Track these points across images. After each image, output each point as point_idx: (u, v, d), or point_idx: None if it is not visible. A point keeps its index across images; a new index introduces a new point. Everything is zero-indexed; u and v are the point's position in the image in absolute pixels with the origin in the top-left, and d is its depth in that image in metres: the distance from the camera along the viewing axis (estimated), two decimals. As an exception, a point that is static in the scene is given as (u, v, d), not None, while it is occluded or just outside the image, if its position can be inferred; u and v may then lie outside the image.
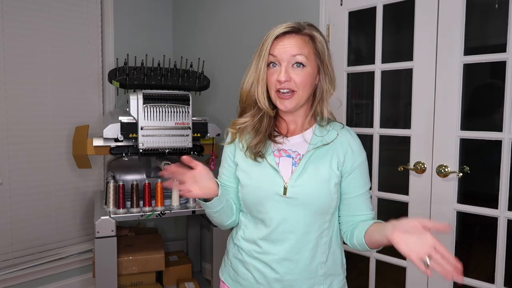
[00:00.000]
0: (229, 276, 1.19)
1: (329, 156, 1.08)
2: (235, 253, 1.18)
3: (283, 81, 1.03)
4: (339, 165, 1.09)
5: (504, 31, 1.58)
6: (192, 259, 2.75)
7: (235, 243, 1.18)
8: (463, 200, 1.72)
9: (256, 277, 1.11)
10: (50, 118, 2.52)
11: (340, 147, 1.09)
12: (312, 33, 1.06)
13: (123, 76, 2.16)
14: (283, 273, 1.08)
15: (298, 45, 1.04)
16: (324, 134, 1.10)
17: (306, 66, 1.04)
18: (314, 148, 1.08)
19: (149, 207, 2.10)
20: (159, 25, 3.06)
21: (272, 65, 1.06)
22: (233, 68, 2.66)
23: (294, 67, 1.04)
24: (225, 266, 1.22)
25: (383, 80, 1.93)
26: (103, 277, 1.98)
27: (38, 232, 2.50)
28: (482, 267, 1.96)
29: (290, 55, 1.03)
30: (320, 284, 1.09)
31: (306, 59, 1.04)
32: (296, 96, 1.05)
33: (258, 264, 1.10)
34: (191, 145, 2.17)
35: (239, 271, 1.15)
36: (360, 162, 1.11)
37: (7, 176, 2.36)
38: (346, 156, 1.09)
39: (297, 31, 1.05)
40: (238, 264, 1.16)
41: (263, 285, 1.10)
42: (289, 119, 1.14)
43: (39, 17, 2.44)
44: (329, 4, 2.09)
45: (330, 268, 1.11)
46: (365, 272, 2.01)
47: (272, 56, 1.05)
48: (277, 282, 1.08)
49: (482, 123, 1.78)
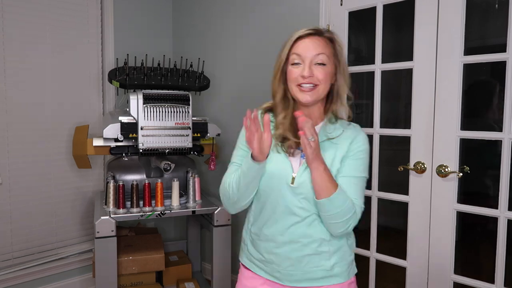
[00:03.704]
0: (248, 258, 1.28)
1: (333, 150, 1.16)
2: (249, 238, 1.27)
3: (307, 76, 1.12)
4: (342, 157, 1.16)
5: (504, 31, 1.58)
6: (192, 259, 2.75)
7: (249, 228, 1.27)
8: (463, 200, 1.72)
9: (267, 258, 1.20)
10: (50, 118, 2.52)
11: (345, 141, 1.18)
12: (332, 36, 1.18)
13: (123, 76, 2.16)
14: (289, 251, 1.16)
15: (320, 46, 1.14)
16: (331, 131, 1.19)
17: (326, 65, 1.14)
18: (321, 142, 1.15)
19: (149, 207, 2.10)
20: (159, 25, 3.06)
21: (295, 64, 1.15)
22: (233, 68, 2.66)
23: (316, 66, 1.13)
24: (243, 251, 1.32)
25: (383, 80, 1.93)
26: (103, 277, 1.98)
27: (38, 232, 2.50)
28: (482, 267, 1.96)
29: (313, 53, 1.13)
30: (327, 259, 1.17)
31: (328, 58, 1.14)
32: (318, 90, 1.14)
33: (267, 245, 1.19)
34: (191, 145, 2.18)
35: (253, 254, 1.25)
36: (360, 150, 1.17)
37: (7, 176, 2.36)
38: (350, 146, 1.17)
39: (319, 34, 1.16)
40: (251, 248, 1.26)
41: (275, 263, 1.19)
42: (306, 113, 1.19)
43: (39, 17, 2.43)
44: (329, 4, 2.09)
45: (335, 245, 1.18)
46: (365, 272, 2.01)
47: (296, 55, 1.15)
48: (287, 259, 1.17)
49: (482, 123, 1.78)
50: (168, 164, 2.17)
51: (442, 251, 1.76)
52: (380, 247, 1.99)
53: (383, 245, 1.99)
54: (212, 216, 2.18)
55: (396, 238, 2.03)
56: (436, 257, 1.78)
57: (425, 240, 1.81)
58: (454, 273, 1.74)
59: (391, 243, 2.05)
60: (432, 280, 1.80)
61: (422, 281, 1.83)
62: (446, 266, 1.75)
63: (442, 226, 1.75)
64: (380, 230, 1.99)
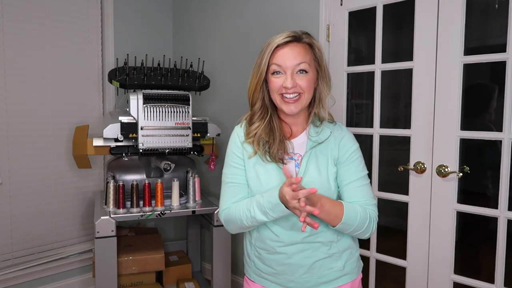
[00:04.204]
0: (256, 274, 1.25)
1: (326, 154, 1.16)
2: (254, 253, 1.24)
3: (290, 87, 1.10)
4: (335, 160, 1.16)
5: (504, 31, 1.58)
6: (192, 259, 2.75)
7: (253, 243, 1.24)
8: (463, 200, 1.72)
9: (278, 270, 1.18)
10: (50, 118, 2.52)
11: (333, 142, 1.18)
12: (311, 41, 1.15)
13: (123, 76, 2.16)
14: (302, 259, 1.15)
15: (300, 54, 1.11)
16: (319, 133, 1.18)
17: (308, 72, 1.12)
18: (311, 148, 1.15)
19: (149, 207, 2.10)
20: (159, 25, 3.06)
21: (276, 73, 1.13)
22: (233, 68, 2.66)
23: (298, 74, 1.11)
24: (249, 266, 1.28)
25: (383, 80, 1.93)
26: (103, 277, 1.98)
27: (38, 232, 2.50)
28: (482, 267, 1.96)
29: (294, 63, 1.10)
30: (338, 259, 1.18)
31: (308, 65, 1.12)
32: (302, 100, 1.13)
33: (278, 257, 1.17)
34: (191, 145, 2.17)
35: (261, 268, 1.22)
36: (352, 151, 1.17)
37: (7, 176, 2.36)
38: (339, 149, 1.17)
39: (298, 40, 1.13)
40: (258, 262, 1.22)
41: (288, 273, 1.17)
42: (291, 122, 1.20)
43: (39, 17, 2.43)
44: (329, 4, 2.09)
45: (343, 245, 1.19)
46: (365, 272, 2.01)
47: (276, 66, 1.12)
48: (300, 268, 1.16)
49: (482, 123, 1.78)
50: (168, 164, 2.17)
51: (442, 251, 1.76)
52: (380, 247, 1.99)
53: (383, 245, 1.99)
54: (212, 216, 2.18)
55: (396, 238, 2.03)
56: (436, 257, 1.78)
57: (425, 240, 1.81)
58: (454, 273, 1.74)
59: (391, 243, 2.05)
60: (432, 280, 1.80)
61: (422, 281, 1.83)
62: (446, 266, 1.75)
63: (442, 226, 1.75)
64: (380, 230, 1.99)
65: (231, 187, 1.20)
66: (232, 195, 1.19)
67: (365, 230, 1.14)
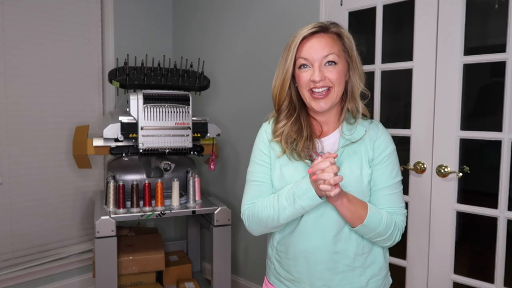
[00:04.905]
0: (276, 278, 1.20)
1: (360, 154, 1.08)
2: (275, 256, 1.19)
3: (318, 80, 1.03)
4: (369, 161, 1.08)
5: (504, 31, 1.58)
6: (192, 259, 2.75)
7: (274, 245, 1.19)
8: (463, 200, 1.72)
9: (296, 277, 1.12)
10: (50, 118, 2.52)
11: (369, 142, 1.09)
12: (339, 30, 1.08)
13: (123, 76, 2.16)
14: (322, 269, 1.08)
15: (328, 44, 1.05)
16: (352, 132, 1.09)
17: (337, 64, 1.05)
18: (343, 146, 1.08)
19: (149, 207, 2.10)
20: (159, 25, 3.06)
21: (303, 67, 1.06)
22: (233, 68, 2.66)
23: (326, 66, 1.05)
24: (270, 269, 1.23)
25: (383, 80, 1.93)
26: (103, 277, 1.98)
27: (38, 232, 2.50)
28: (482, 267, 1.96)
29: (321, 55, 1.04)
30: (361, 275, 1.09)
31: (337, 57, 1.05)
32: (332, 95, 1.06)
33: (298, 263, 1.11)
34: (191, 145, 2.18)
35: (281, 272, 1.17)
36: (386, 154, 1.09)
37: (7, 176, 2.37)
38: (374, 150, 1.09)
39: (325, 30, 1.06)
40: (278, 265, 1.18)
41: (306, 282, 1.11)
42: (322, 120, 1.13)
43: (39, 17, 2.44)
44: (329, 4, 2.09)
45: (369, 260, 1.11)
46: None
47: (303, 59, 1.05)
48: (320, 279, 1.09)
49: (482, 123, 1.78)
50: (168, 164, 2.17)
51: (442, 251, 1.76)
52: (380, 247, 1.99)
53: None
54: (212, 216, 2.18)
55: (396, 238, 2.02)
56: (436, 257, 1.78)
57: (425, 240, 1.81)
58: (454, 273, 1.74)
59: (391, 243, 2.05)
60: (432, 280, 1.80)
61: (422, 281, 1.83)
62: (446, 266, 1.75)
63: (442, 226, 1.75)
64: (380, 230, 1.99)
65: (255, 185, 1.14)
66: (256, 194, 1.13)
67: (388, 238, 1.06)
